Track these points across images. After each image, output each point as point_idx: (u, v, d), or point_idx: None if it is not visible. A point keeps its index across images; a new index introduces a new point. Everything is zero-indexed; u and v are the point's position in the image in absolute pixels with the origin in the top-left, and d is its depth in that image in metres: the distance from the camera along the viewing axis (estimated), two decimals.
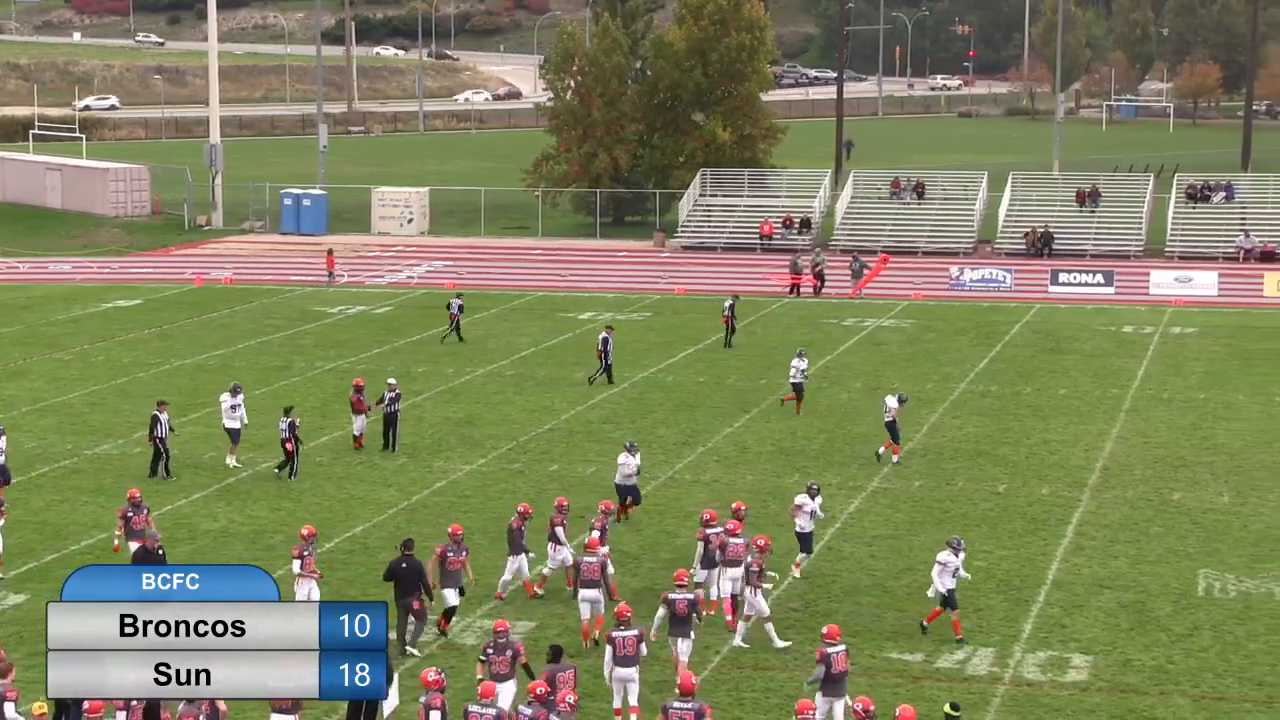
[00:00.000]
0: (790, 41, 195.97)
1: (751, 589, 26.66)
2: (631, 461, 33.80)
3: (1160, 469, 38.42)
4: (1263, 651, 26.56)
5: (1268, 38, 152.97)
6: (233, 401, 38.05)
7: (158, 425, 36.75)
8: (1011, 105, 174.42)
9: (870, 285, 67.03)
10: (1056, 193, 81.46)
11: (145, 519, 29.58)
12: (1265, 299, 66.04)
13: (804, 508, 30.09)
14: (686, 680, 20.64)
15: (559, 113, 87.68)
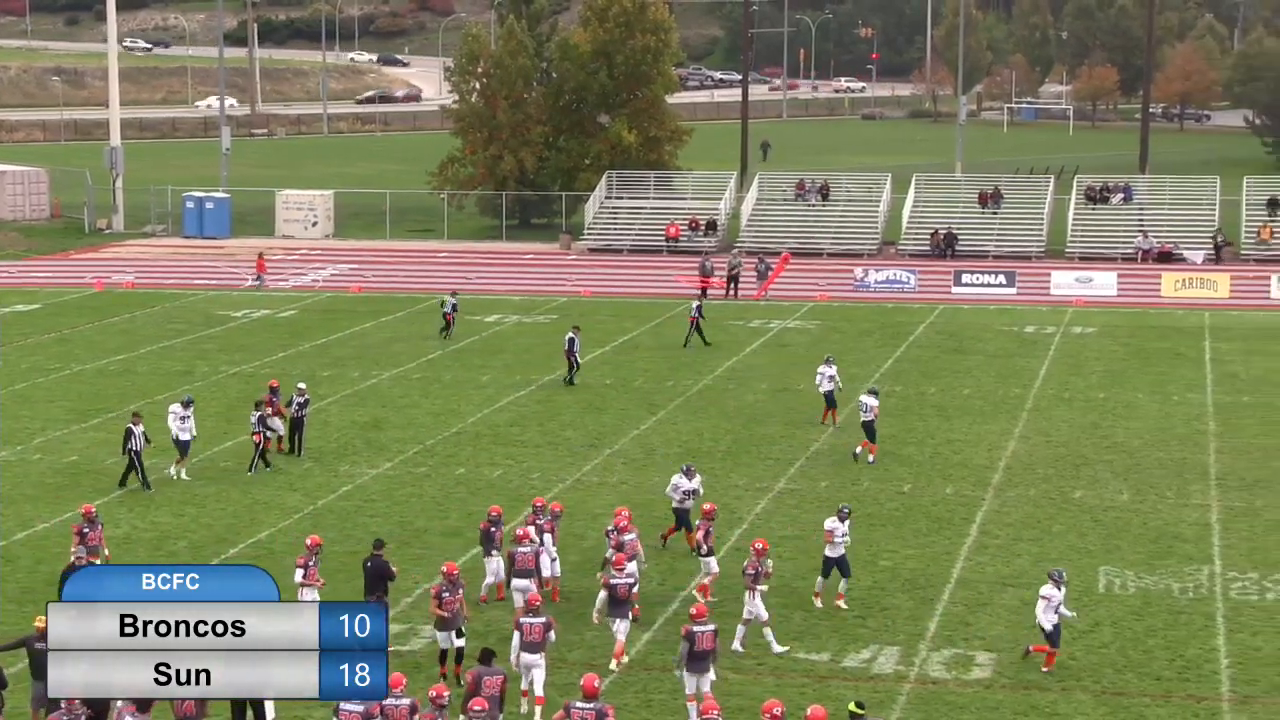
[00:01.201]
0: (695, 44, 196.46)
1: (750, 593, 26.74)
2: (684, 483, 31.99)
3: (1061, 468, 38.87)
4: (1161, 647, 26.94)
5: (1164, 41, 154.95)
6: (183, 413, 37.39)
7: (131, 437, 36.09)
8: (914, 107, 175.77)
9: (775, 286, 67.34)
10: (959, 194, 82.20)
11: (99, 536, 28.64)
12: (1163, 299, 66.92)
13: (835, 532, 28.66)
14: (589, 682, 20.67)
15: (464, 115, 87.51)
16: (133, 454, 36.23)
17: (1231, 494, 36.56)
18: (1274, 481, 37.56)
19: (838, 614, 28.35)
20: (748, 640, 26.83)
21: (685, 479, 31.98)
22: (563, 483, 37.38)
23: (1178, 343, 56.58)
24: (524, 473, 38.40)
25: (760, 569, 26.84)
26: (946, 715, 24.37)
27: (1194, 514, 34.96)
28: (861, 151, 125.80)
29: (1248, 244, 75.21)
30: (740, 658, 26.45)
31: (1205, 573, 30.89)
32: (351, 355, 53.38)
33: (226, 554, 31.76)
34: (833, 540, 28.62)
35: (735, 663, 26.21)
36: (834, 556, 28.68)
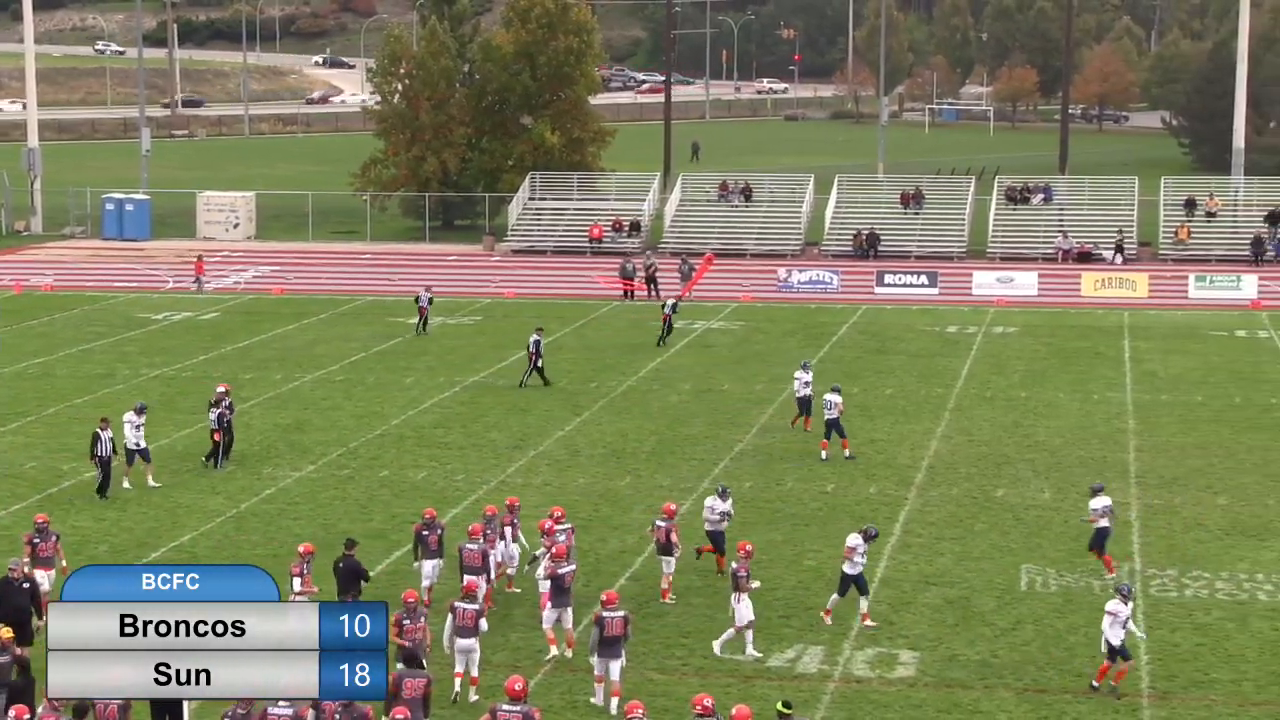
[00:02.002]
0: (618, 45, 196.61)
1: (736, 595, 26.74)
2: (719, 505, 30.71)
3: (984, 467, 39.13)
4: (1082, 644, 27.16)
5: (1082, 43, 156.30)
6: (138, 421, 36.90)
7: (98, 443, 35.53)
8: (836, 108, 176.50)
9: (698, 287, 67.46)
10: (881, 195, 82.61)
11: (54, 546, 27.90)
12: (1083, 298, 67.52)
13: (856, 550, 27.82)
14: (512, 685, 20.62)
15: (387, 116, 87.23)
16: (99, 460, 35.53)
17: (1150, 492, 36.92)
18: (1191, 479, 37.96)
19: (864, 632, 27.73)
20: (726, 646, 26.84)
21: (720, 500, 30.68)
22: (487, 484, 37.31)
23: (1097, 342, 57.09)
24: (448, 474, 38.30)
25: (747, 570, 26.88)
26: (871, 714, 24.49)
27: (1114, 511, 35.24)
28: (784, 152, 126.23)
29: (1165, 244, 75.96)
30: (665, 658, 26.48)
31: (1125, 570, 31.17)
32: (274, 358, 53.08)
33: (148, 558, 31.49)
34: (852, 558, 27.75)
35: (660, 663, 26.25)
36: (852, 574, 27.81)
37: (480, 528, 28.14)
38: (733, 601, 26.78)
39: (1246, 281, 68.03)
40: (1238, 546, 32.74)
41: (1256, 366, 52.51)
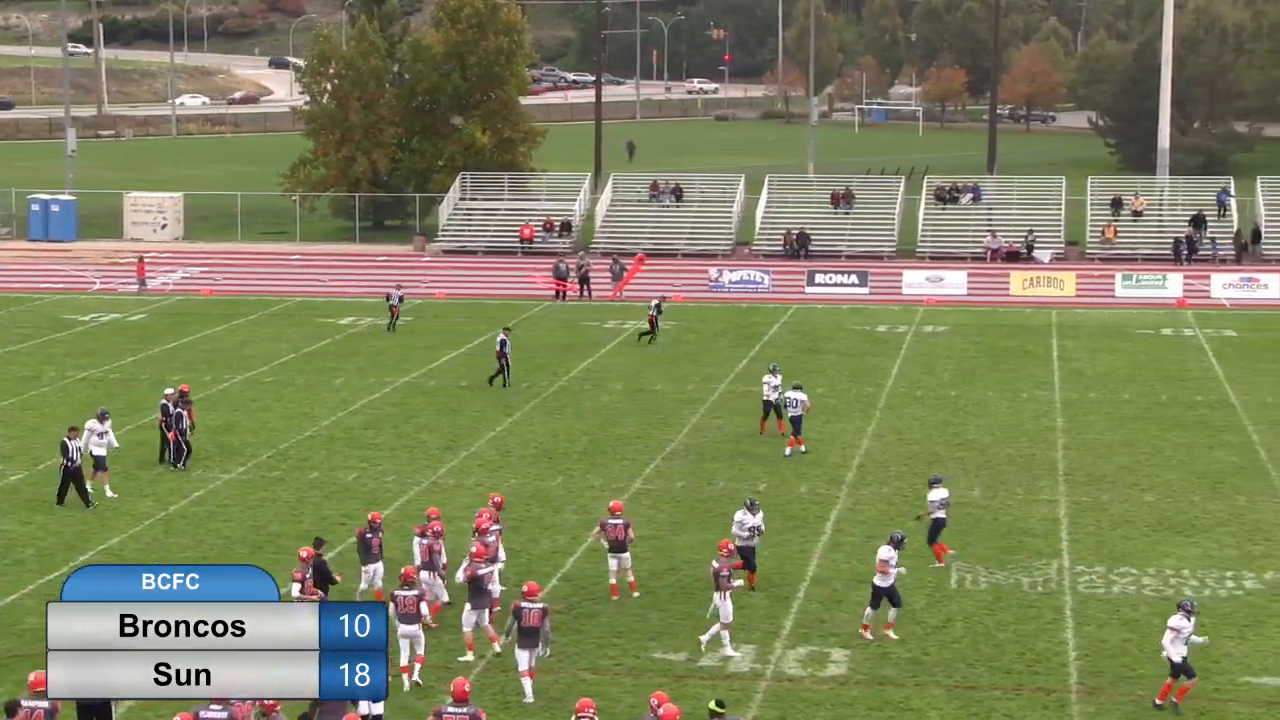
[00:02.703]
0: (548, 45, 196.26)
1: (720, 594, 26.75)
2: (749, 519, 29.81)
3: (914, 465, 39.31)
4: (1011, 641, 27.34)
5: (1009, 44, 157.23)
6: (101, 428, 36.38)
7: (68, 451, 34.91)
8: (767, 109, 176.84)
9: (630, 287, 67.53)
10: (812, 195, 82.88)
11: None
12: (1011, 297, 67.97)
13: (890, 562, 27.20)
14: (460, 686, 20.57)
15: (316, 116, 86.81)
16: (67, 468, 34.97)
17: (1079, 489, 37.21)
18: (1119, 476, 38.28)
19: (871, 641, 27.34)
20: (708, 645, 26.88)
21: (749, 514, 29.77)
22: (418, 485, 37.21)
23: (1026, 341, 57.48)
24: (379, 475, 38.18)
25: (729, 569, 26.90)
26: (802, 712, 24.57)
27: (1043, 509, 35.54)
28: (715, 152, 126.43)
29: (1093, 243, 76.55)
30: (598, 659, 26.48)
31: (1054, 567, 31.41)
32: (202, 359, 52.76)
33: (76, 561, 31.23)
34: (886, 570, 27.07)
35: (593, 663, 26.25)
36: (884, 586, 27.17)
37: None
38: (716, 599, 26.82)
39: (1172, 280, 68.67)
40: (1164, 543, 33.04)
41: (1182, 365, 53.00)
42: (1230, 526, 34.20)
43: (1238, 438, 42.30)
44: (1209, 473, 38.67)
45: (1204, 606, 29.04)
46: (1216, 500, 36.29)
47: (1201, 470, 38.91)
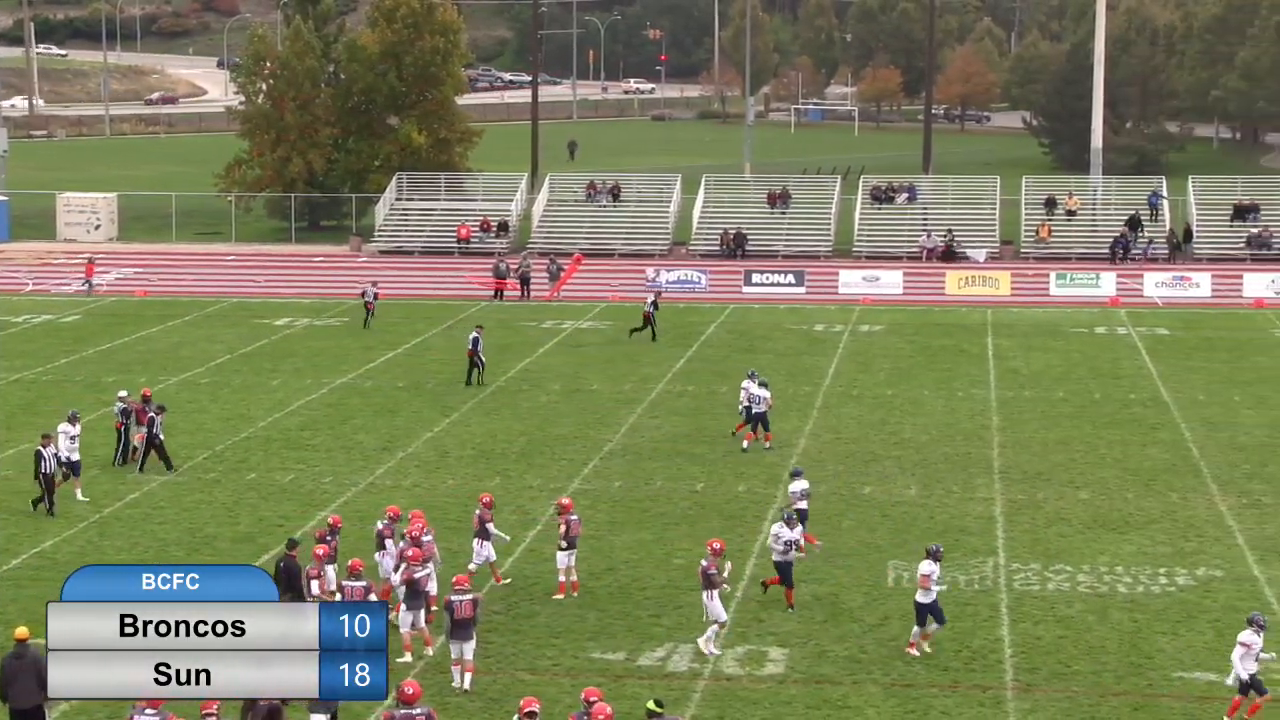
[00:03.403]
0: (484, 45, 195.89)
1: (708, 593, 26.75)
2: (786, 533, 28.96)
3: (851, 464, 39.48)
4: (947, 638, 27.48)
5: (944, 44, 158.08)
6: (73, 431, 35.98)
7: (42, 460, 34.40)
8: (703, 109, 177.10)
9: (568, 287, 67.53)
10: (748, 195, 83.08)
11: None
12: (947, 296, 68.33)
13: (932, 576, 26.56)
14: (409, 687, 20.48)
15: (251, 116, 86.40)
16: (42, 477, 34.46)
17: (1014, 487, 37.45)
18: (1054, 474, 38.55)
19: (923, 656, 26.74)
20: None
21: (786, 528, 29.00)
22: (355, 486, 37.11)
23: (962, 340, 57.81)
24: (316, 477, 38.05)
25: (718, 570, 26.90)
26: (740, 711, 24.64)
27: (979, 507, 35.75)
28: (651, 152, 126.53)
29: (1027, 242, 77.03)
30: (536, 659, 26.48)
31: (990, 565, 31.60)
32: (137, 361, 52.42)
33: (8, 565, 31.01)
34: (928, 586, 26.50)
35: (531, 663, 26.25)
36: (926, 603, 26.57)
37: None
38: (705, 599, 26.86)
39: (1105, 279, 69.22)
40: (1099, 540, 33.30)
41: (1115, 363, 53.42)
42: (1163, 523, 34.50)
43: (1170, 435, 42.68)
44: (1142, 470, 39.01)
45: (1136, 603, 29.33)
46: (1150, 497, 36.61)
47: (1135, 468, 39.24)
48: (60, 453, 35.24)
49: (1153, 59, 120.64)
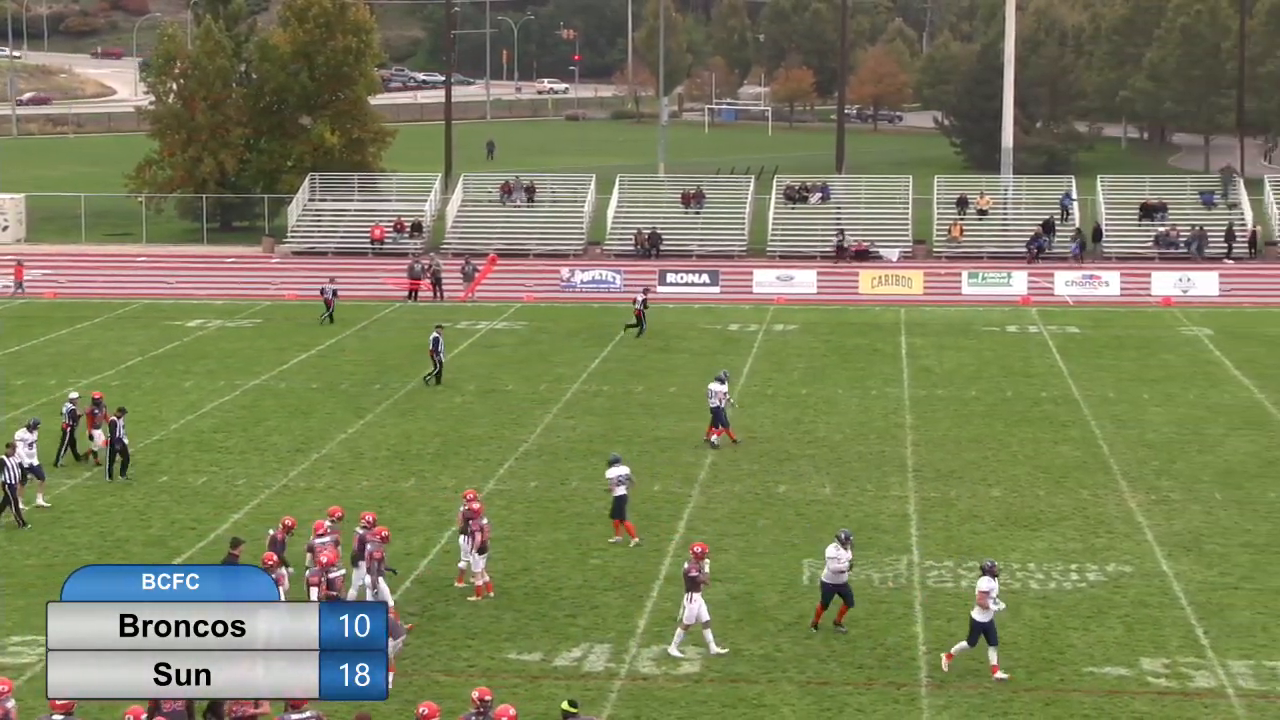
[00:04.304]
0: (397, 45, 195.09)
1: (688, 596, 26.71)
2: (843, 555, 27.83)
3: (766, 463, 39.62)
4: (863, 636, 27.65)
5: (856, 45, 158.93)
6: (31, 439, 35.45)
7: (4, 470, 33.71)
8: (617, 109, 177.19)
9: (482, 288, 67.39)
10: (662, 195, 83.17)
11: None
12: (860, 296, 68.70)
13: (991, 593, 25.70)
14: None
15: (161, 116, 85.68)
16: (6, 487, 33.85)
17: (927, 485, 37.71)
18: (967, 472, 38.85)
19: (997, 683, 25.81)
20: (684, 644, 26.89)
21: (843, 549, 27.81)
22: (269, 489, 36.89)
23: (875, 339, 58.13)
24: (229, 479, 37.79)
25: (701, 572, 26.89)
26: (657, 711, 24.68)
27: (893, 505, 35.98)
28: (566, 152, 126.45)
29: (939, 242, 77.54)
30: (451, 660, 26.42)
31: (904, 562, 31.80)
32: (47, 363, 51.88)
33: None
34: (985, 604, 25.67)
35: (447, 664, 26.19)
36: (982, 622, 25.73)
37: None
38: (685, 601, 26.85)
39: (1017, 278, 69.83)
40: (1011, 537, 33.59)
41: (1026, 361, 53.88)
42: (1074, 520, 34.84)
43: (1081, 432, 43.10)
44: (1053, 467, 39.37)
45: (1048, 599, 29.61)
46: (1061, 494, 36.96)
47: (1046, 465, 39.60)
48: (21, 460, 34.76)
49: (1062, 59, 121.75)
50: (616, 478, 32.54)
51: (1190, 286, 68.91)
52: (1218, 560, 32.02)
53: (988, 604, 25.64)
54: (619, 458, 33.53)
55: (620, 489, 32.43)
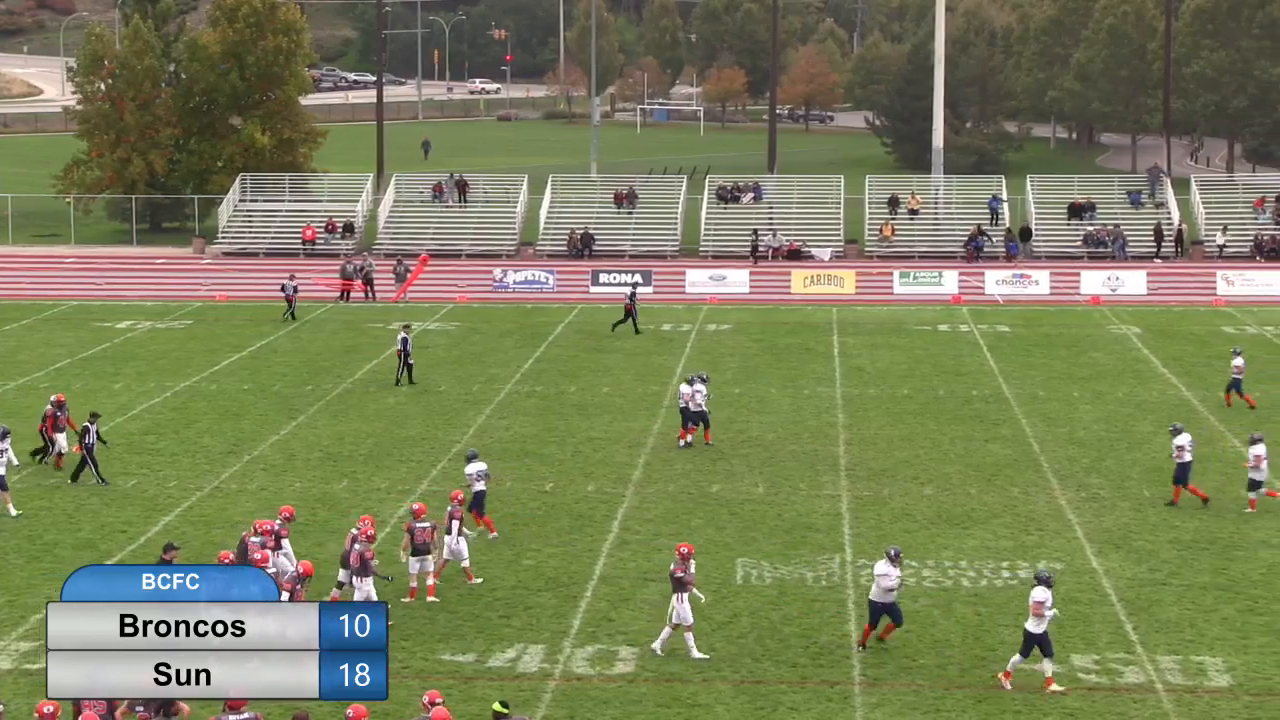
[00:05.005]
0: (328, 45, 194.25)
1: (677, 596, 26.67)
2: (893, 573, 27.03)
3: (699, 462, 39.70)
4: (796, 635, 27.76)
5: (787, 45, 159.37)
6: (2, 446, 35.00)
7: None
8: (549, 109, 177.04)
9: (414, 288, 67.22)
10: (595, 195, 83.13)
11: None
12: (793, 295, 68.93)
13: (1045, 604, 25.32)
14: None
15: (90, 117, 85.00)
16: None
17: (860, 484, 37.89)
18: (899, 471, 39.05)
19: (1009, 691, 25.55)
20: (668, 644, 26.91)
21: (893, 566, 26.89)
22: (200, 491, 36.69)
23: (807, 338, 58.33)
24: (160, 481, 37.56)
25: (687, 573, 26.86)
26: (591, 710, 24.71)
27: (825, 504, 36.13)
28: (498, 153, 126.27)
29: (871, 241, 77.87)
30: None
31: (837, 561, 31.95)
32: None
33: None
34: (1040, 614, 25.29)
35: None
36: (1037, 633, 25.37)
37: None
38: (674, 602, 26.84)
39: (948, 277, 70.25)
40: (943, 535, 33.79)
41: (958, 360, 54.21)
42: (1005, 518, 35.09)
43: (1011, 431, 43.40)
44: (985, 465, 39.64)
45: (980, 596, 29.81)
46: (992, 492, 37.21)
47: (978, 463, 39.86)
48: None
49: (991, 60, 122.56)
50: (476, 473, 33.08)
51: (1119, 285, 69.51)
52: (1146, 557, 32.32)
53: (1042, 613, 25.26)
54: (476, 453, 33.97)
55: (480, 484, 33.00)
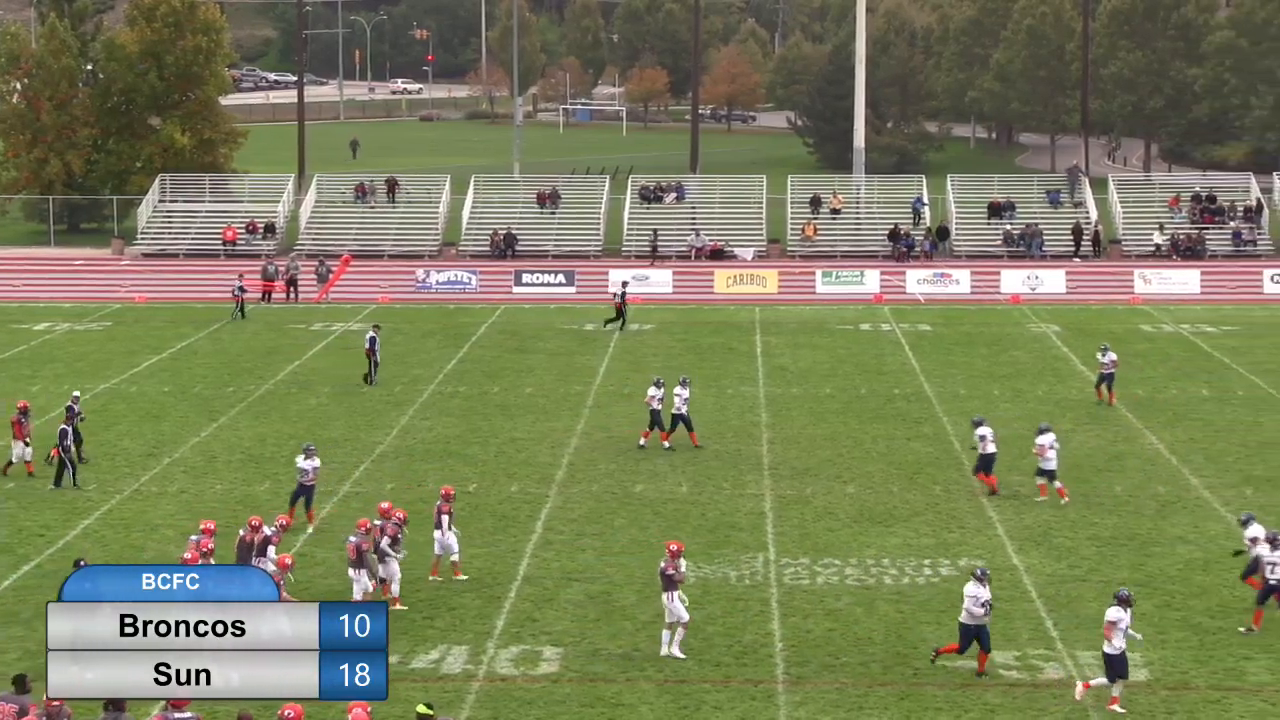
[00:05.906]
0: (248, 45, 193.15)
1: (668, 595, 26.60)
2: (983, 594, 25.96)
3: (623, 462, 39.74)
4: (720, 634, 27.83)
5: (709, 45, 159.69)
6: None
7: None
8: (471, 109, 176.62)
9: (337, 289, 66.94)
10: (518, 195, 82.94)
11: None
12: (716, 295, 69.09)
13: (1120, 624, 24.66)
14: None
15: (5, 117, 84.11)
16: None
17: (783, 483, 38.02)
18: (822, 470, 39.22)
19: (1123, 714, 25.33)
20: None
21: (982, 588, 26.01)
22: (120, 494, 36.39)
23: (731, 338, 58.49)
24: (79, 484, 37.17)
25: (677, 570, 26.79)
26: (515, 711, 24.69)
27: (749, 503, 36.24)
28: (420, 153, 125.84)
29: (793, 241, 78.12)
30: None
31: (760, 560, 32.05)
32: None
33: None
34: (1111, 637, 24.68)
35: None
36: (1112, 654, 24.64)
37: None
38: (665, 600, 26.81)
39: (870, 277, 70.60)
40: (866, 533, 33.97)
41: (880, 359, 54.49)
42: (927, 516, 35.31)
43: (933, 429, 43.68)
44: (907, 464, 39.86)
45: (902, 594, 29.99)
46: (914, 490, 37.43)
47: (900, 461, 40.08)
48: None
49: (912, 60, 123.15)
50: (313, 468, 34.01)
51: (1038, 284, 70.09)
52: (1066, 553, 32.61)
53: (1112, 635, 24.65)
54: (312, 448, 34.51)
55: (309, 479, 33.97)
